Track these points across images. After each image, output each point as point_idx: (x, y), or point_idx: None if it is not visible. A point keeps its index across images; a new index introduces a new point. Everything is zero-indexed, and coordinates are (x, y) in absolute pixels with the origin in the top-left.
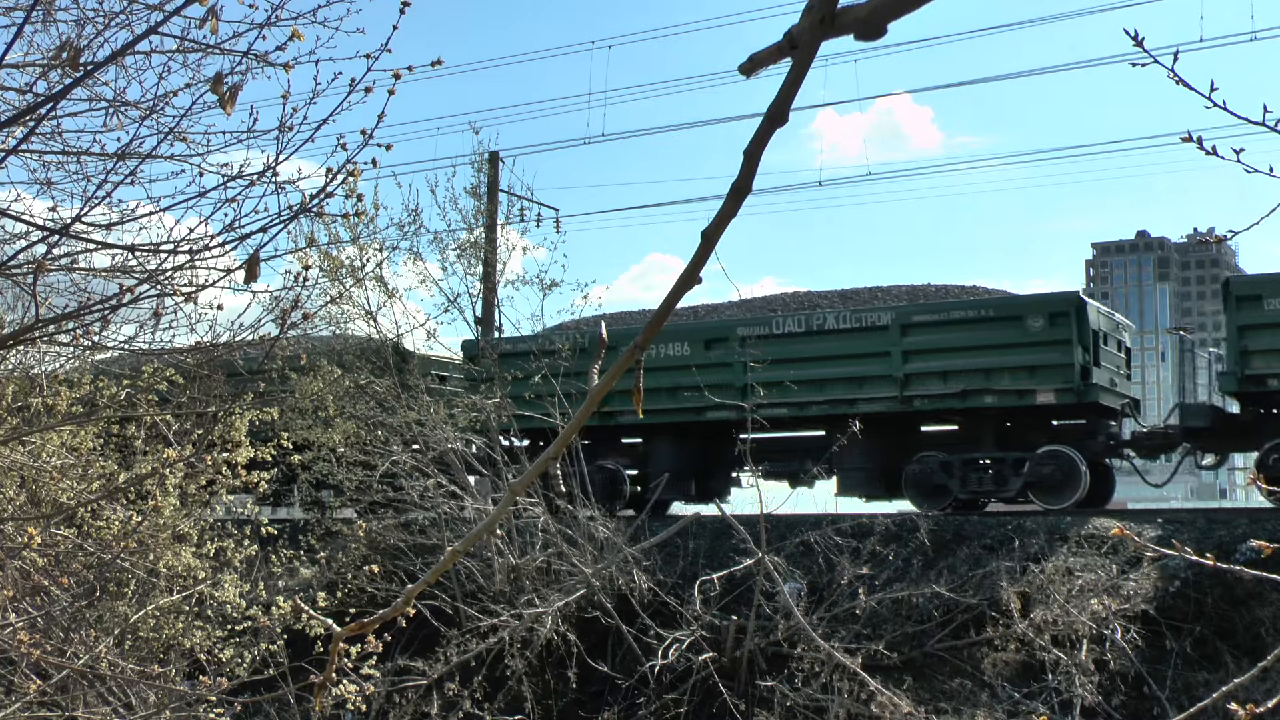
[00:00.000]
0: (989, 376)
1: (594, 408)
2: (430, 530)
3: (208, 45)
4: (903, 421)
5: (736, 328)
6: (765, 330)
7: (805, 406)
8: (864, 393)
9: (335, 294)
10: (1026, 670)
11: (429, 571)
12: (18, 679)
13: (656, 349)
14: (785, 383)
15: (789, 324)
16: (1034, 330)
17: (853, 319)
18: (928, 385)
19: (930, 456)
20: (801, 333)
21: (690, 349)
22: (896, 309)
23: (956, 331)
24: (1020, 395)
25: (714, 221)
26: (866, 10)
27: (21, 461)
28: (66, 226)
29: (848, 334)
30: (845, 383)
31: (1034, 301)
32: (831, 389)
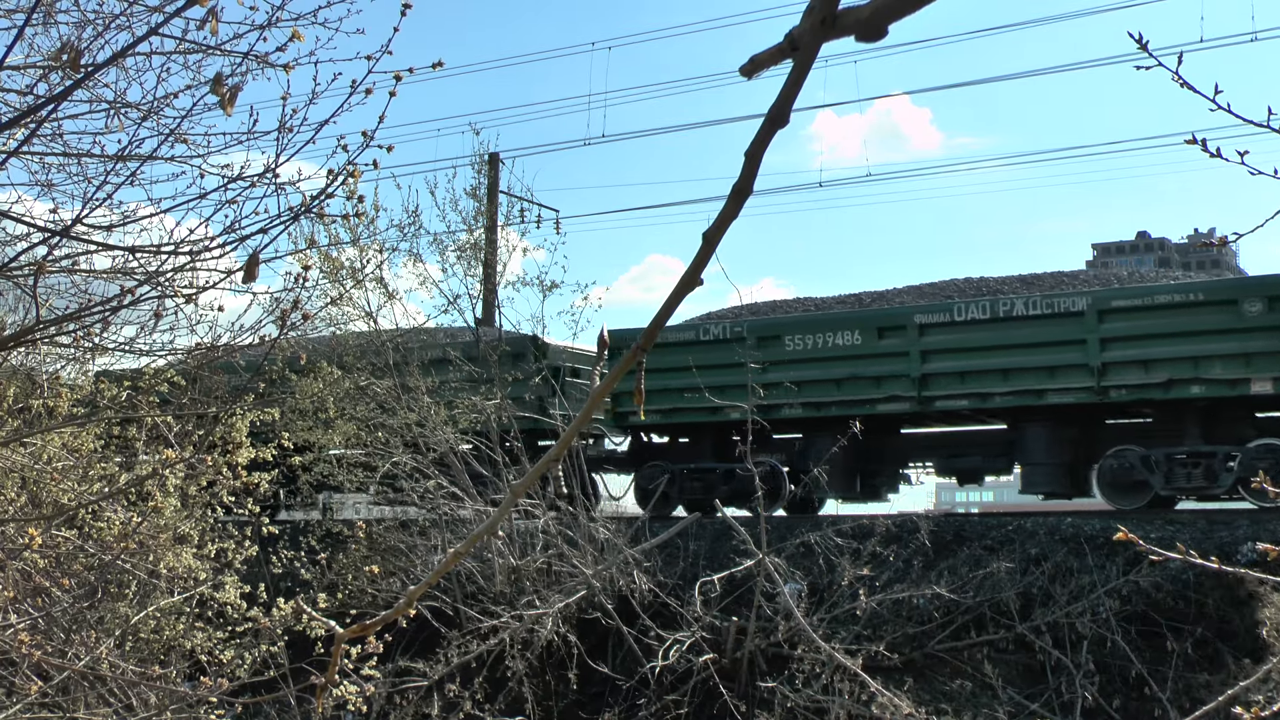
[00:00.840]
0: (1197, 365)
1: (595, 410)
2: (431, 531)
3: (208, 46)
4: (1092, 414)
5: (914, 315)
6: (945, 317)
7: (988, 398)
8: (1054, 383)
9: (335, 295)
10: (1028, 671)
11: (431, 573)
12: (19, 680)
13: (821, 338)
14: (966, 373)
15: (972, 310)
16: (1250, 315)
17: (1044, 305)
18: (1126, 375)
19: (1128, 450)
20: (986, 320)
21: (861, 337)
22: (1093, 294)
23: (1161, 317)
24: (1232, 385)
25: (715, 223)
26: (868, 11)
27: (22, 463)
28: (67, 228)
29: (1038, 320)
30: (1034, 372)
31: (1251, 284)
32: (1018, 379)
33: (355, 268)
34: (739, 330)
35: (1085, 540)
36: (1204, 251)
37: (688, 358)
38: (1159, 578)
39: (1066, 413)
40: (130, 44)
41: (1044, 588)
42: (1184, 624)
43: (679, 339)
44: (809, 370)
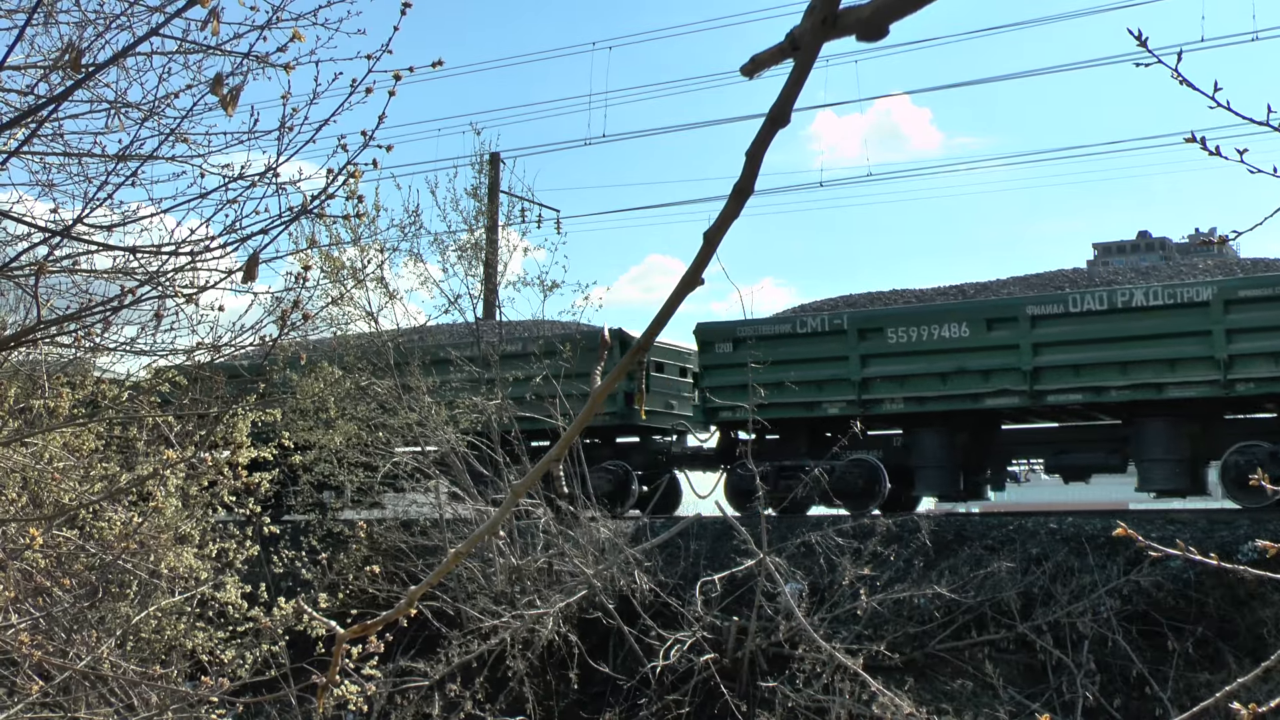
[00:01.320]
0: None
1: (595, 410)
2: (431, 531)
3: (208, 47)
4: (1214, 409)
5: (1026, 306)
6: (1060, 308)
7: (1103, 392)
8: (1175, 376)
9: (336, 295)
10: (1029, 671)
11: (432, 572)
12: (20, 680)
13: (927, 330)
14: (1081, 367)
15: (1088, 301)
16: None
17: (1165, 294)
18: (1256, 367)
19: (1255, 447)
20: (1103, 310)
21: (969, 329)
22: (1219, 283)
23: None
24: None
25: (716, 223)
26: (869, 11)
27: (24, 463)
28: (68, 228)
29: (1159, 311)
30: (1153, 365)
31: None
32: (1136, 372)
33: (356, 268)
34: (838, 322)
35: (1086, 540)
36: (1205, 250)
37: (783, 351)
38: (1160, 577)
39: (1187, 407)
40: (131, 44)
41: (1045, 587)
42: (1185, 623)
43: (773, 332)
44: (912, 364)
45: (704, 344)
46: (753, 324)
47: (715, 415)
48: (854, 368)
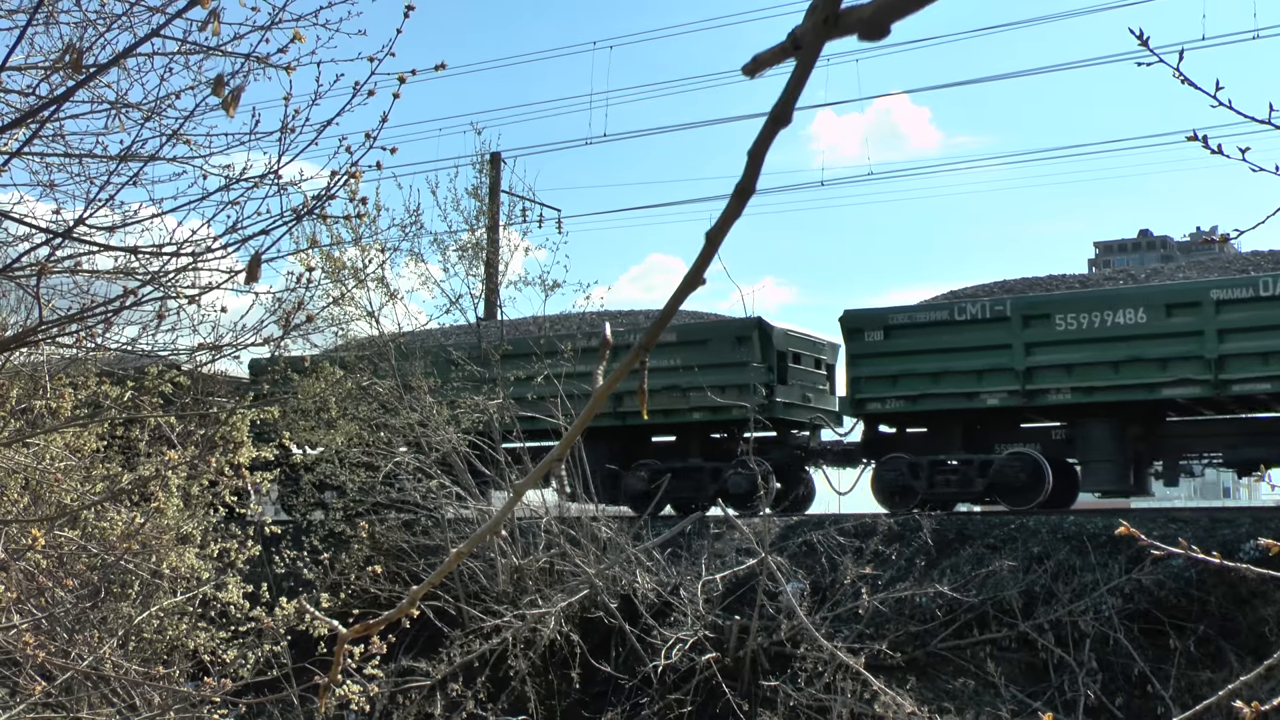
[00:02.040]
0: None
1: (597, 409)
2: (433, 531)
3: (209, 47)
4: None
5: (1210, 290)
6: (1249, 292)
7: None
8: None
9: (337, 295)
10: (1030, 670)
11: (433, 572)
12: (22, 680)
13: (1099, 316)
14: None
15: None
16: None
17: None
18: None
19: None
20: None
21: (1146, 315)
22: None
23: None
24: None
25: (718, 222)
26: (870, 10)
27: (25, 463)
28: (70, 229)
29: None
30: None
31: None
32: None
33: (357, 268)
34: (1000, 308)
35: (1088, 538)
36: (1206, 249)
37: (939, 340)
38: (1161, 575)
39: None
40: (132, 45)
41: (1046, 586)
42: (1186, 622)
43: (928, 319)
44: (1081, 352)
45: (852, 332)
46: (906, 311)
47: (863, 407)
48: (1017, 356)
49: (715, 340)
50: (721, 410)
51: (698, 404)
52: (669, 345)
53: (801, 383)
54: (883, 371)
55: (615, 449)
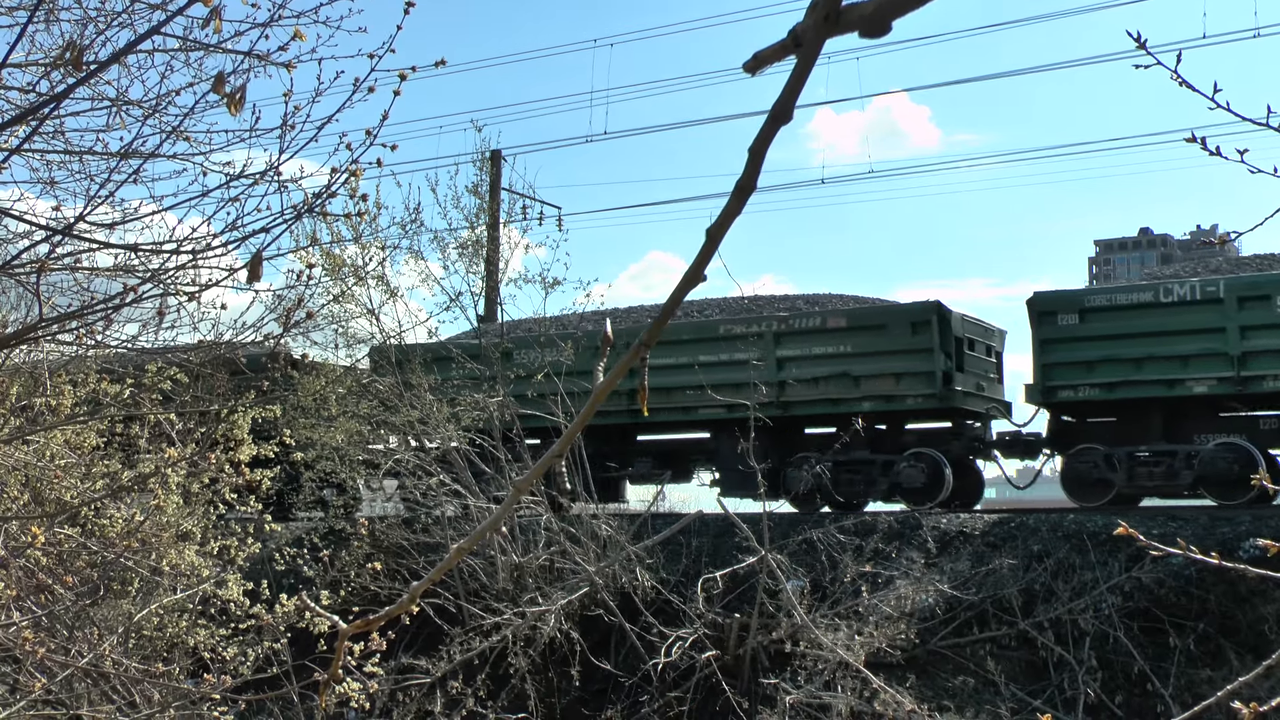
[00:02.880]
0: None
1: (597, 407)
2: (433, 528)
3: (210, 44)
4: None
5: None
6: None
7: None
8: None
9: (337, 292)
10: (1030, 668)
11: (433, 569)
12: (23, 677)
13: None
14: None
15: None
16: None
17: None
18: None
19: None
20: None
21: None
22: None
23: None
24: None
25: (719, 219)
26: (871, 7)
27: (25, 460)
28: (70, 226)
29: None
30: None
31: None
32: None
33: (357, 265)
34: (1212, 290)
35: (1088, 536)
36: (1207, 249)
37: (1141, 323)
38: (1161, 574)
39: None
40: (132, 42)
41: (1046, 584)
42: (1186, 620)
43: (1130, 301)
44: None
45: (1042, 315)
46: (1104, 292)
47: (1053, 395)
48: (1231, 340)
49: (891, 325)
50: (895, 399)
51: (868, 393)
52: (837, 331)
53: (975, 371)
54: (1077, 357)
55: (768, 442)
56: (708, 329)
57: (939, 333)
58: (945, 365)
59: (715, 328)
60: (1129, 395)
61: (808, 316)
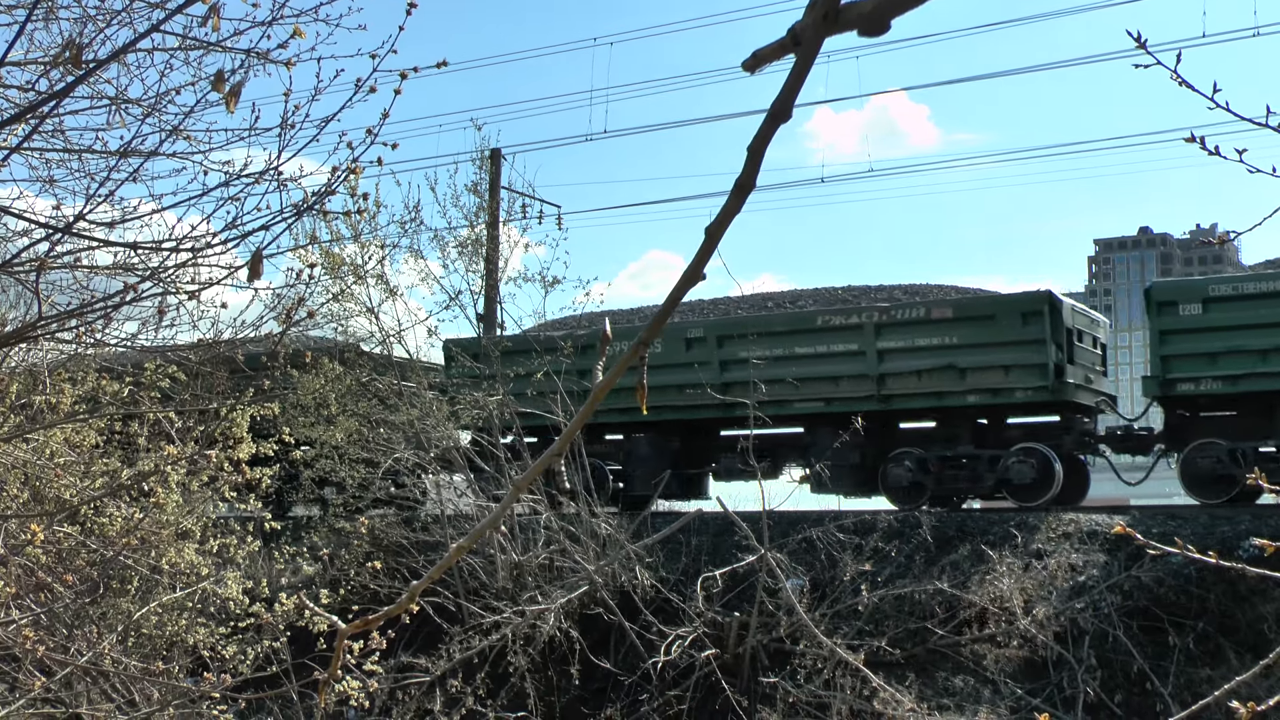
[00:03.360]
0: None
1: (596, 405)
2: (433, 527)
3: (209, 43)
4: None
5: None
6: None
7: None
8: None
9: (337, 291)
10: (1029, 667)
11: (433, 568)
12: (22, 676)
13: None
14: None
15: None
16: None
17: None
18: None
19: None
20: None
21: None
22: None
23: None
24: None
25: (718, 218)
26: (870, 6)
27: (25, 458)
28: (69, 224)
29: None
30: None
31: None
32: None
33: (357, 264)
34: None
35: (1087, 535)
36: (1206, 248)
37: (1270, 313)
38: (1161, 573)
39: None
40: (132, 40)
41: (1046, 583)
42: (1186, 619)
43: (1260, 290)
44: None
45: (1162, 305)
46: (1230, 281)
47: (1172, 388)
48: None
49: (1000, 316)
50: (1003, 392)
51: (975, 385)
52: (943, 322)
53: (1083, 363)
54: (1200, 349)
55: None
56: (804, 320)
57: (1050, 323)
58: (1057, 357)
59: (812, 319)
60: (1254, 388)
61: (911, 307)
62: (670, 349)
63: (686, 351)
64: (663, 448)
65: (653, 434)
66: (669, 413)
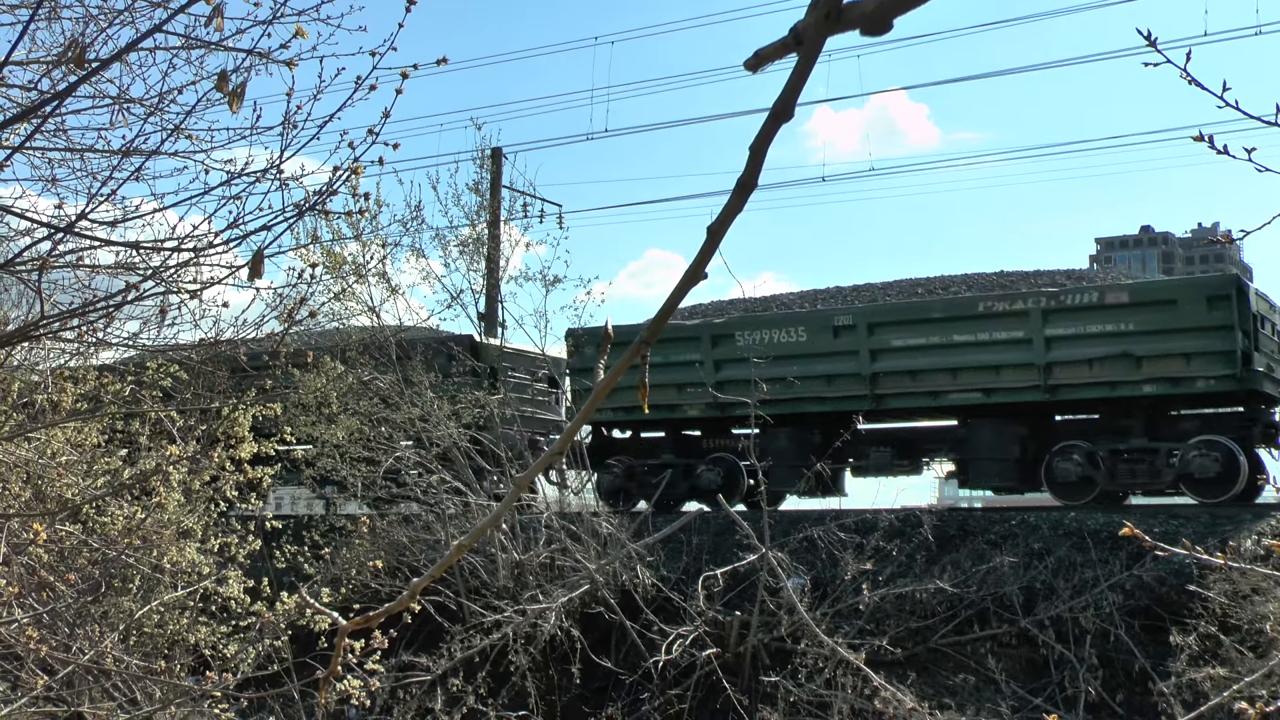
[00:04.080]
0: None
1: (598, 405)
2: (434, 526)
3: (211, 42)
4: None
5: None
6: None
7: None
8: None
9: (338, 290)
10: (1031, 666)
11: (434, 566)
12: (24, 674)
13: None
14: None
15: None
16: None
17: None
18: None
19: None
20: None
21: None
22: None
23: None
24: None
25: (720, 217)
26: (872, 5)
27: (27, 457)
28: (71, 224)
29: None
30: None
31: None
32: None
33: (358, 263)
34: None
35: (1088, 534)
36: (1208, 247)
37: None
38: (1162, 572)
39: None
40: (134, 40)
41: (1047, 582)
42: (1188, 618)
43: None
44: None
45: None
46: None
47: None
48: None
49: (1182, 301)
50: (1183, 382)
51: (1152, 374)
52: (1118, 308)
53: (1268, 351)
54: None
55: (1024, 429)
56: (963, 306)
57: (1238, 308)
58: (1244, 344)
59: (972, 305)
60: None
61: (1083, 292)
62: (816, 337)
63: (834, 340)
64: (803, 441)
65: (792, 427)
66: (812, 404)
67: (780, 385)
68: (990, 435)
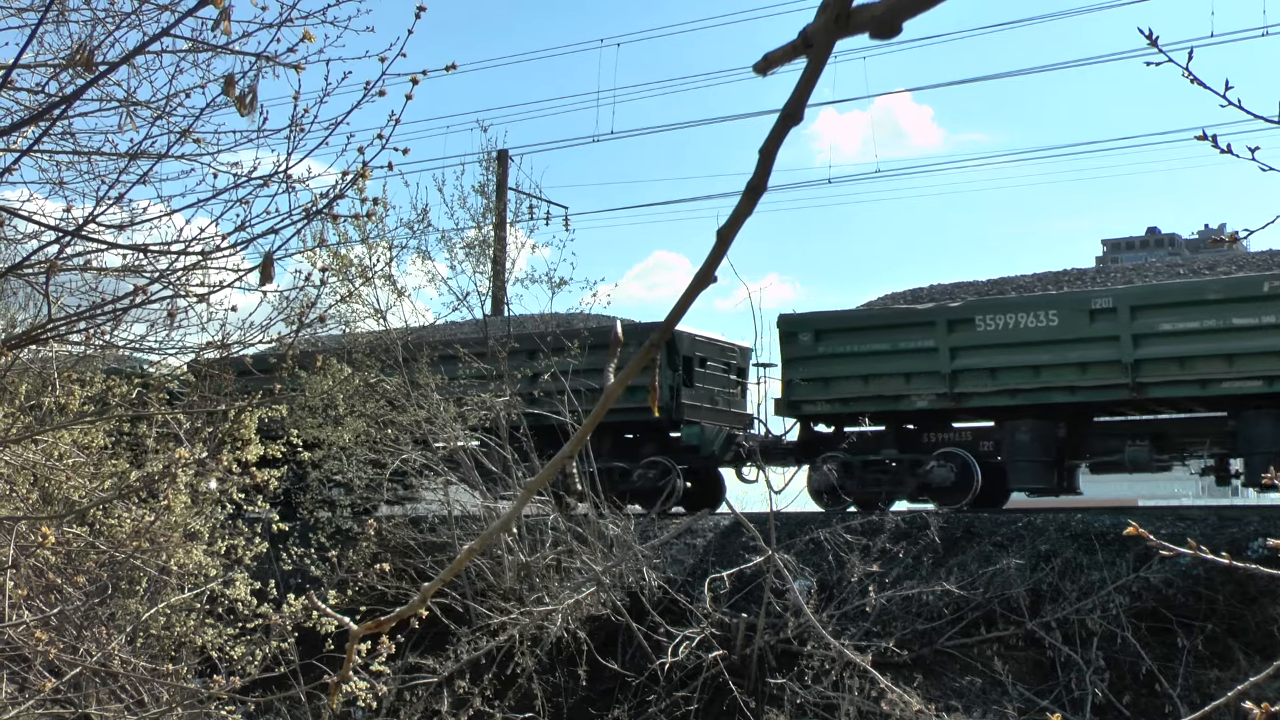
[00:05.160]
0: None
1: (608, 407)
2: (440, 528)
3: (219, 46)
4: None
5: None
6: None
7: None
8: None
9: (345, 293)
10: (1037, 668)
11: (444, 570)
12: (32, 676)
13: None
14: None
15: None
16: None
17: None
18: None
19: None
20: None
21: None
22: None
23: None
24: None
25: (729, 220)
26: (882, 8)
27: (34, 460)
28: (79, 227)
29: None
30: None
31: None
32: None
33: (365, 265)
34: None
35: (1095, 536)
36: (1215, 248)
37: None
38: (1169, 574)
39: None
40: (142, 43)
41: (1054, 584)
42: (1194, 620)
43: None
44: None
45: None
46: None
47: None
48: None
49: None
50: None
51: None
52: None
53: None
54: None
55: None
56: (1245, 286)
57: None
58: None
59: (1257, 285)
60: None
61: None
62: (1068, 322)
63: (1090, 324)
64: (1047, 435)
65: (1034, 419)
66: (1060, 394)
67: (1027, 374)
68: (1271, 427)
